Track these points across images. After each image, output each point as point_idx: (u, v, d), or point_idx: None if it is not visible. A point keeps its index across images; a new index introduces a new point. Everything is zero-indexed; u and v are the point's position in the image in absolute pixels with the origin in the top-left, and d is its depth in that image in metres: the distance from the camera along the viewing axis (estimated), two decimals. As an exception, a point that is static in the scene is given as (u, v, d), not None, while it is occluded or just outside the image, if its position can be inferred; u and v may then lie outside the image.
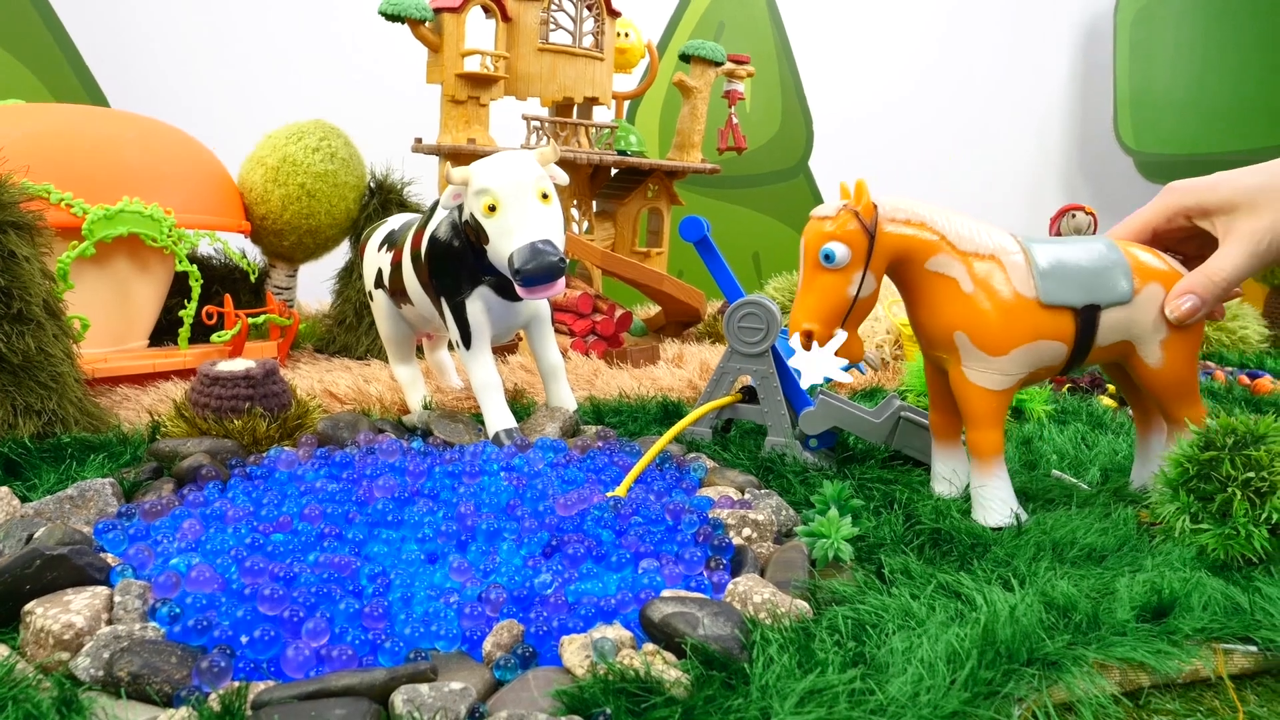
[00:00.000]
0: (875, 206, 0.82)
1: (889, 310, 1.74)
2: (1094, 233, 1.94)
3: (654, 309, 2.02)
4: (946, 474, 0.95)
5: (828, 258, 0.82)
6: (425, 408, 1.22)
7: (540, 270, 0.95)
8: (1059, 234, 1.96)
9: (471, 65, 1.74)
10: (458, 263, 1.07)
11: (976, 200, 3.45)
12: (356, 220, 1.73)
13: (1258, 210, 0.85)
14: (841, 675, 0.57)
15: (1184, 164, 3.40)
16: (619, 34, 2.01)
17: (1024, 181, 3.67)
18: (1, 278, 1.00)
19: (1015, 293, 0.83)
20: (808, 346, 0.84)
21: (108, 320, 1.36)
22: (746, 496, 0.91)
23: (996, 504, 0.87)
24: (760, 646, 0.60)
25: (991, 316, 0.83)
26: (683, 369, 1.57)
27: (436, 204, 1.13)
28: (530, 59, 1.80)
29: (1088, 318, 0.84)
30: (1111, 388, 1.53)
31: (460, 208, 1.05)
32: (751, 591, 0.67)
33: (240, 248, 1.67)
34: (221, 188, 1.61)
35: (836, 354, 0.84)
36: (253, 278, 1.67)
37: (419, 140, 1.81)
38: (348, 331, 1.68)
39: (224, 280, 1.70)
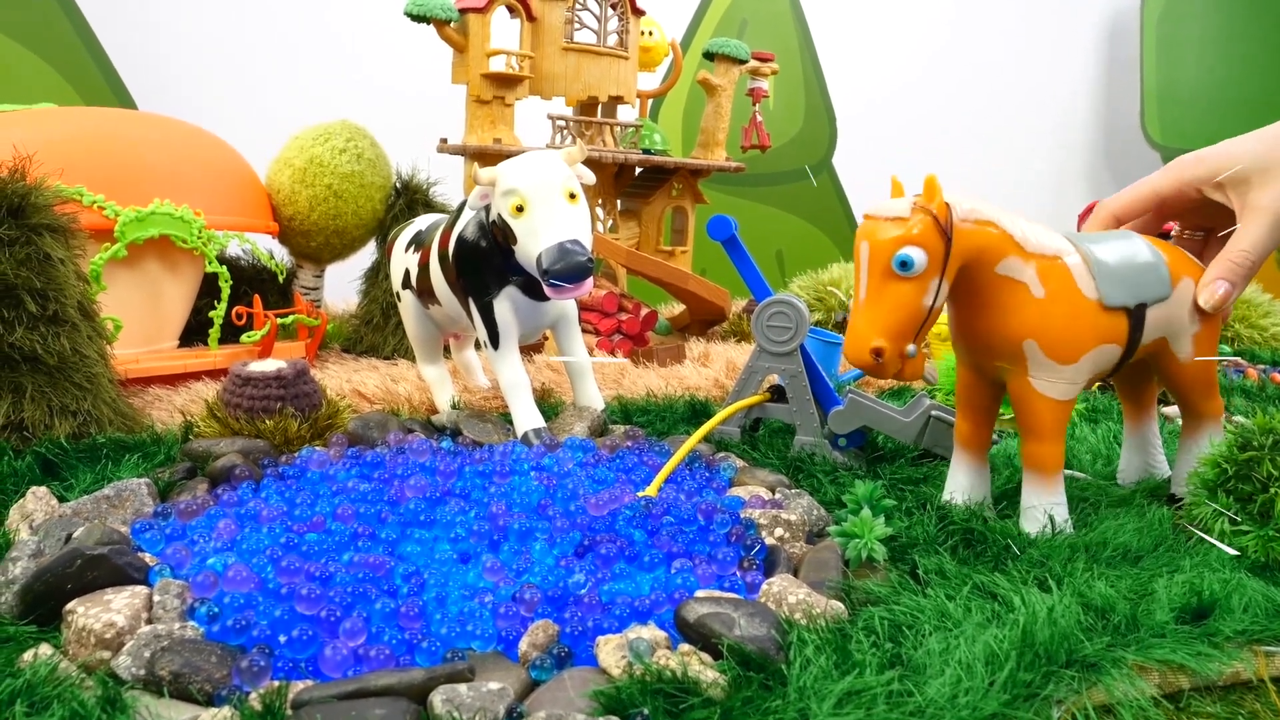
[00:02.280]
0: (950, 206, 0.75)
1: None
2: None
3: (679, 308, 2.02)
4: (964, 488, 0.91)
5: (904, 265, 0.73)
6: (453, 407, 1.22)
7: (569, 270, 0.95)
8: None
9: (497, 65, 1.74)
10: (485, 263, 1.08)
11: (1000, 197, 3.41)
12: (383, 221, 1.74)
13: (1272, 179, 0.83)
14: (879, 676, 0.57)
15: (1212, 160, 3.37)
16: (643, 32, 2.01)
17: (1048, 178, 3.65)
18: (37, 280, 1.01)
19: (1081, 295, 0.79)
20: (874, 368, 0.76)
21: (139, 321, 1.38)
22: (777, 496, 0.91)
23: (1048, 519, 0.84)
24: (798, 647, 0.60)
25: (1063, 322, 0.78)
26: (709, 368, 1.57)
27: (464, 204, 1.13)
28: (555, 58, 1.80)
29: (1138, 317, 0.82)
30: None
31: (487, 208, 1.06)
32: (786, 592, 0.67)
33: (267, 248, 1.68)
34: (249, 189, 1.62)
35: (906, 376, 0.78)
36: (280, 278, 1.68)
37: (444, 141, 1.82)
38: (375, 331, 1.69)
39: (251, 281, 1.71)
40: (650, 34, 2.04)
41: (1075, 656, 0.61)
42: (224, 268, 1.45)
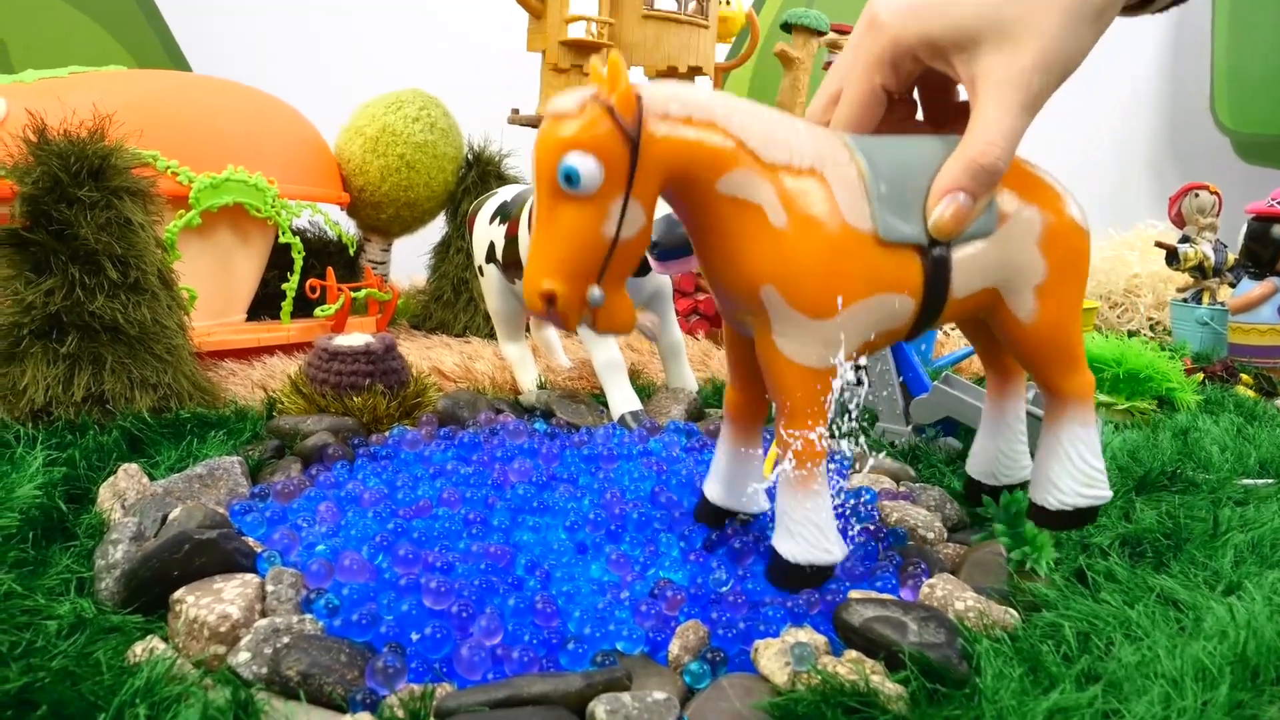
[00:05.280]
0: (638, 96, 0.54)
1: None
2: (1218, 215, 1.83)
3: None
4: (723, 473, 0.72)
5: (569, 179, 0.52)
6: (540, 387, 1.17)
7: (678, 243, 0.89)
8: (1179, 216, 1.86)
9: (576, 31, 1.68)
10: (581, 235, 1.02)
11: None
12: (454, 194, 1.68)
13: (1012, 39, 0.57)
14: (1082, 694, 0.51)
15: (1287, 144, 3.26)
16: (720, 1, 1.94)
17: (1110, 163, 3.54)
18: (118, 245, 0.96)
19: (844, 224, 0.58)
20: (545, 314, 0.55)
21: (210, 293, 1.33)
22: (903, 488, 0.85)
23: (810, 531, 0.62)
24: (987, 658, 0.54)
25: (815, 261, 0.57)
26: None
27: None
28: (634, 26, 1.73)
29: (939, 260, 0.60)
30: (1247, 376, 1.44)
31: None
32: (952, 596, 0.61)
33: (336, 220, 1.63)
34: (320, 158, 1.57)
35: (599, 327, 0.57)
36: (350, 251, 1.63)
37: (516, 111, 1.76)
38: (445, 308, 1.64)
39: (318, 254, 1.65)
40: (728, 3, 1.97)
41: (1293, 674, 0.54)
42: (297, 239, 1.40)
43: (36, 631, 0.56)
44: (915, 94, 0.69)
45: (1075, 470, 0.68)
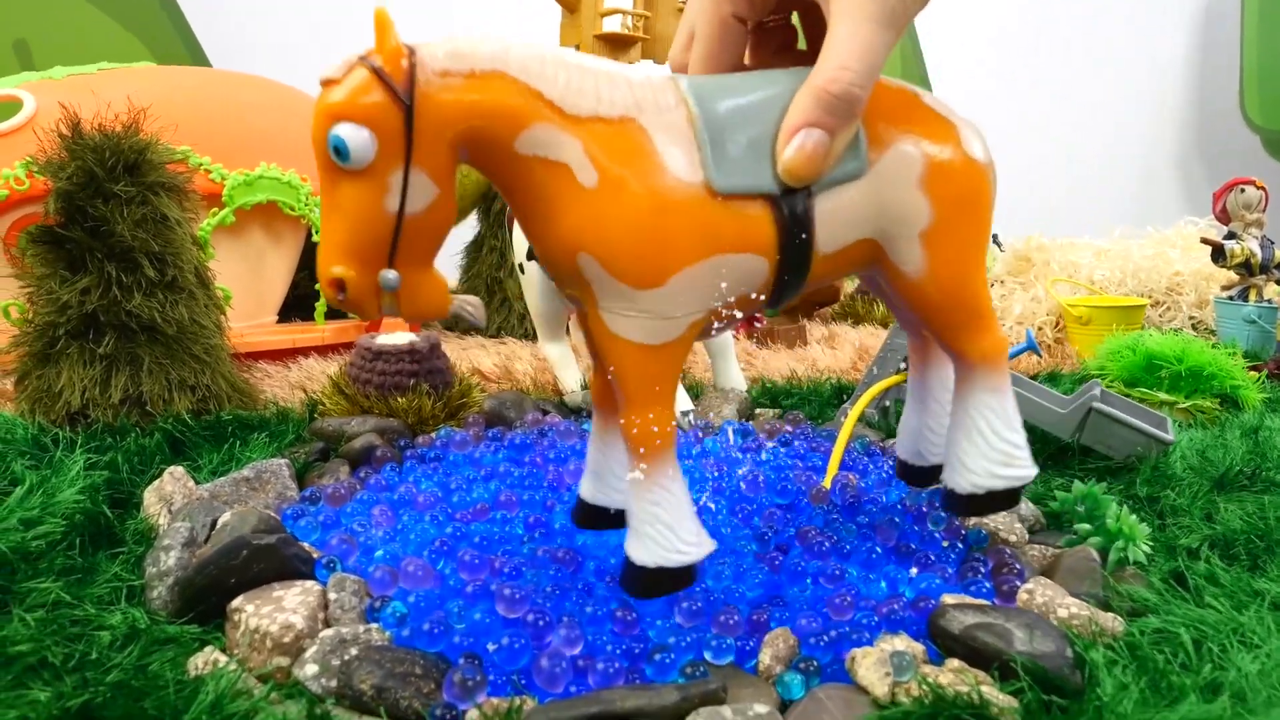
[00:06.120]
0: (409, 51, 0.48)
1: (1050, 288, 1.63)
2: (1264, 210, 1.79)
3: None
4: (592, 467, 0.65)
5: (339, 151, 0.47)
6: (583, 388, 1.13)
7: None
8: (1224, 211, 1.81)
9: (611, 25, 1.65)
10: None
11: (1088, 176, 3.29)
12: (486, 191, 1.65)
13: None
14: (1208, 706, 0.48)
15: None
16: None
17: (1137, 159, 3.49)
18: (154, 242, 0.93)
19: (668, 178, 0.50)
20: (336, 302, 0.50)
21: (243, 293, 1.30)
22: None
23: (657, 531, 0.54)
24: (1104, 668, 0.50)
25: (633, 222, 0.50)
26: (837, 349, 1.47)
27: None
28: (669, 19, 1.70)
29: (797, 211, 0.52)
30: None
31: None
32: (1054, 602, 0.57)
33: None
34: (349, 156, 1.53)
35: (403, 313, 0.51)
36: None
37: (548, 108, 1.73)
38: (477, 308, 1.61)
39: (347, 254, 1.63)
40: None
41: None
42: (330, 238, 1.37)
43: (89, 643, 0.53)
44: (796, 19, 0.60)
45: (987, 447, 0.60)
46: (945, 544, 0.67)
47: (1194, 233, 2.09)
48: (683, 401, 1.00)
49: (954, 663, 0.52)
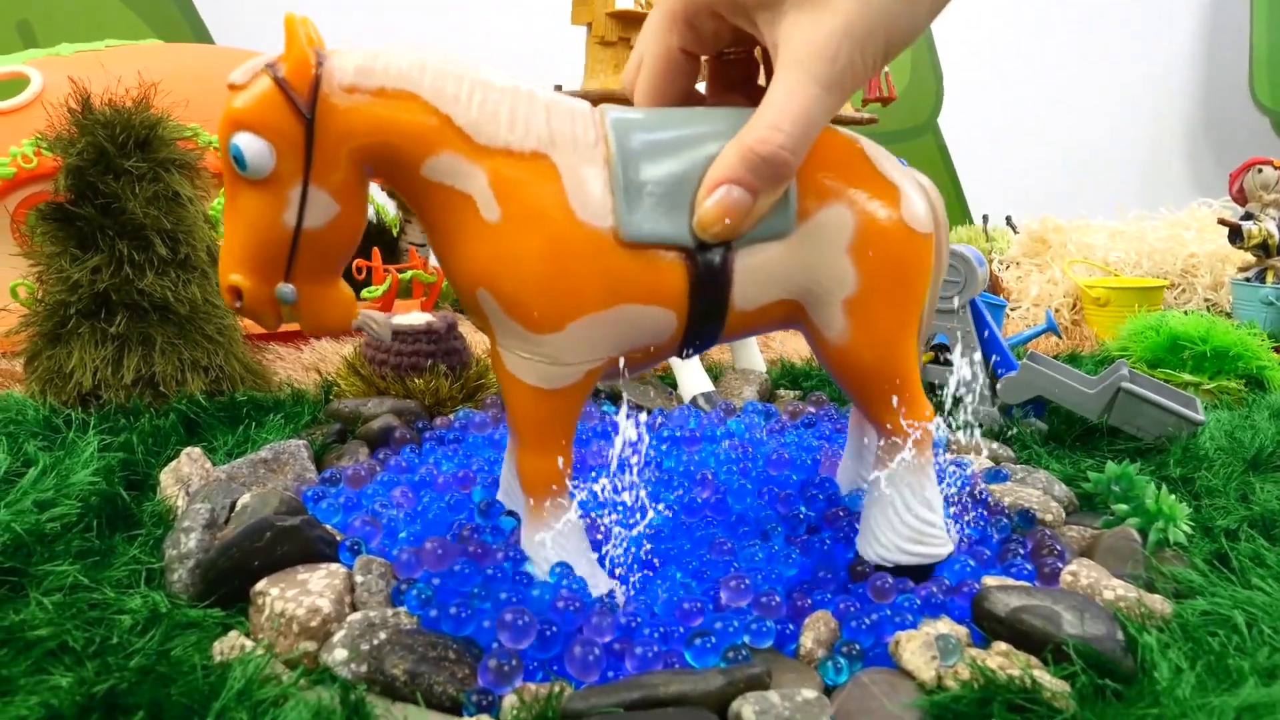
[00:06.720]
0: (316, 64, 0.46)
1: (1067, 270, 1.61)
2: (1283, 191, 1.77)
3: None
4: (506, 475, 0.66)
5: (237, 161, 0.46)
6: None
7: None
8: (1240, 192, 1.79)
9: (624, 2, 1.62)
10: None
11: (1096, 162, 3.26)
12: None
13: (817, 3, 0.46)
14: (1270, 689, 0.46)
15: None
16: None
17: (1145, 143, 3.46)
18: (166, 220, 0.91)
19: (573, 220, 0.48)
20: (235, 309, 0.50)
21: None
22: (1005, 469, 0.79)
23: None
24: (1157, 651, 0.48)
25: (534, 263, 0.48)
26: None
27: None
28: (682, -3, 1.67)
29: (714, 266, 0.50)
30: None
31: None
32: (1099, 584, 0.56)
33: (377, 200, 1.58)
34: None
35: (304, 326, 0.51)
36: (394, 231, 1.58)
37: (559, 88, 1.70)
38: (487, 290, 1.59)
39: (357, 235, 1.61)
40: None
41: None
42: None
43: (109, 627, 0.51)
44: (758, 53, 0.57)
45: (899, 523, 0.58)
46: (980, 523, 0.66)
47: (1207, 214, 2.06)
48: (703, 383, 0.99)
49: (1000, 646, 0.51)
